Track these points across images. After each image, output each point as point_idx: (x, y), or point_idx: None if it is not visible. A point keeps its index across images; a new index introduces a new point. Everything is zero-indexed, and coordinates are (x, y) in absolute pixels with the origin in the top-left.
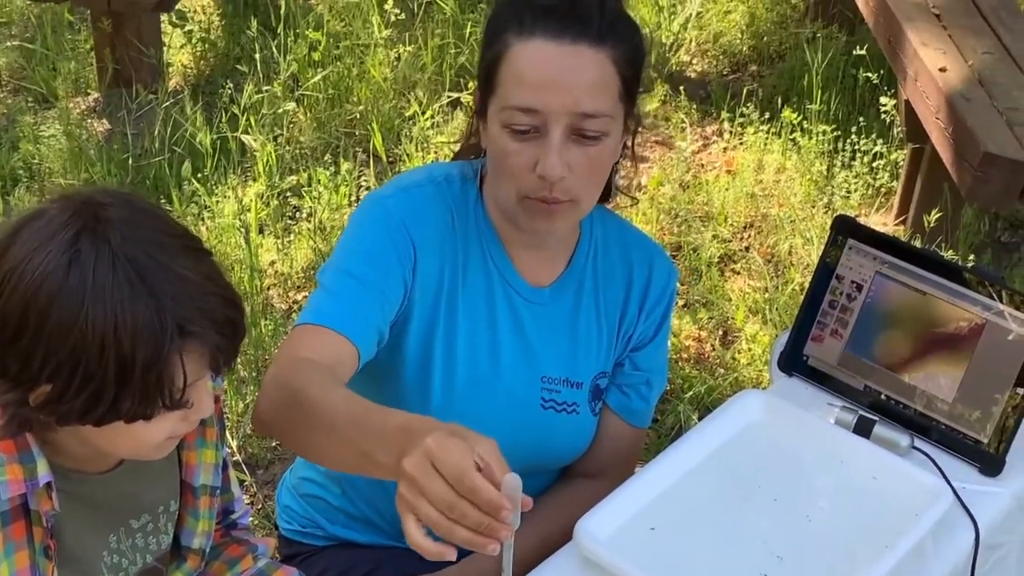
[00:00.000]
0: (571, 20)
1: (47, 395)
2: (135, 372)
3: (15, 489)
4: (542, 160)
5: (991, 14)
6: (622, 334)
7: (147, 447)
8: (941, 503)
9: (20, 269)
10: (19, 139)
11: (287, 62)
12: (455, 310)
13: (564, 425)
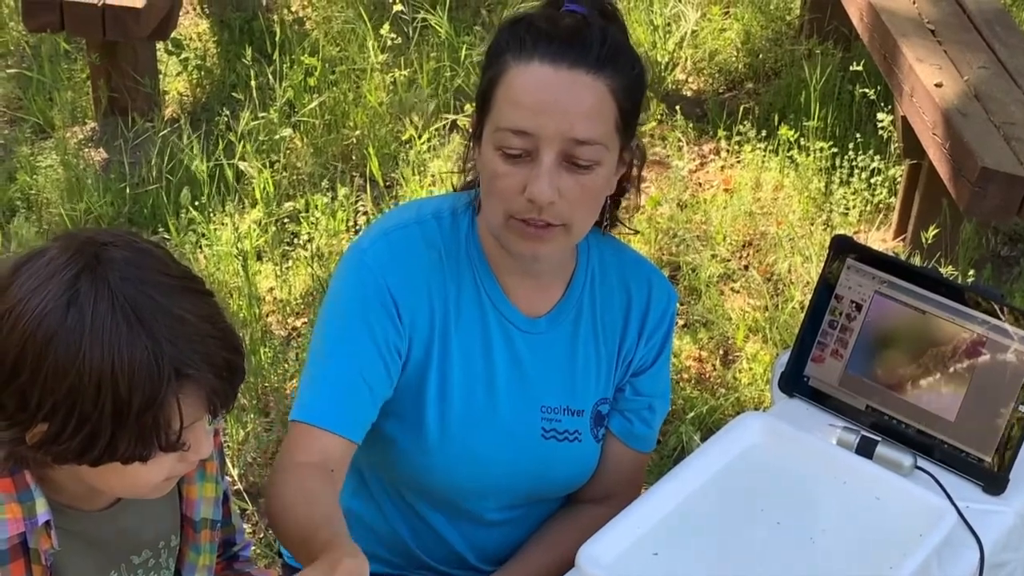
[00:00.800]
0: (571, 45)
1: (43, 434)
2: (131, 414)
3: (14, 528)
4: (532, 183)
5: (986, 28)
6: (622, 359)
7: (144, 488)
8: (945, 523)
9: (19, 308)
10: (16, 169)
11: (283, 88)
12: (448, 345)
13: (566, 454)
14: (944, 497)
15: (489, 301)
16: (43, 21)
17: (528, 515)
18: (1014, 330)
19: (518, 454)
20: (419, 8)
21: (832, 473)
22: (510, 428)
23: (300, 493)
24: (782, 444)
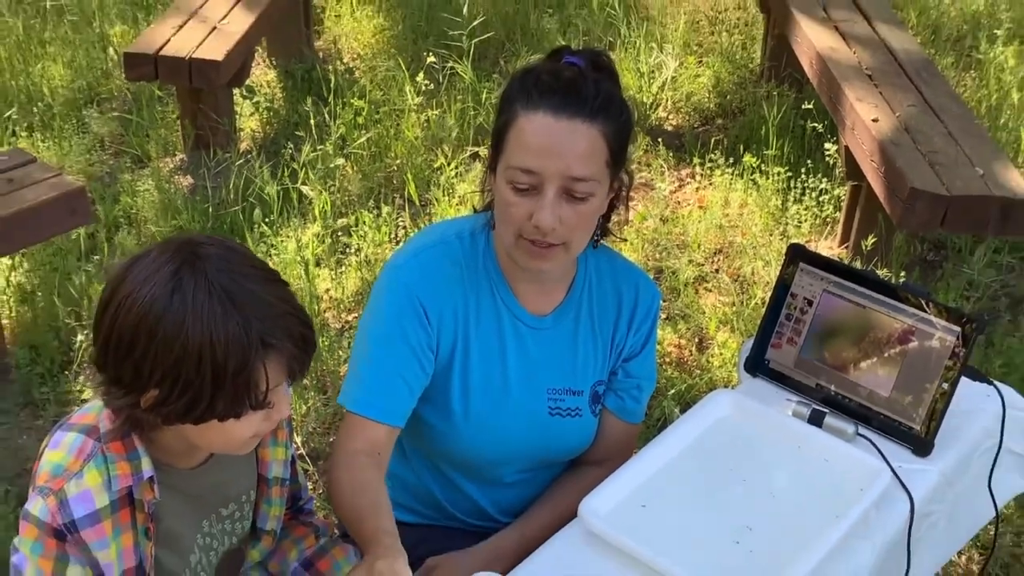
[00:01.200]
0: (570, 99)
1: (155, 399)
2: (227, 378)
3: (123, 482)
4: (537, 213)
5: (914, 74)
6: (615, 348)
7: (236, 443)
8: (882, 480)
9: (132, 296)
10: (119, 193)
11: (336, 126)
12: (469, 343)
13: (569, 427)
14: (881, 459)
15: (503, 304)
16: (141, 72)
17: (538, 476)
18: (938, 321)
19: (529, 429)
20: (448, 59)
21: (788, 440)
22: (522, 408)
23: (352, 483)
24: (747, 416)
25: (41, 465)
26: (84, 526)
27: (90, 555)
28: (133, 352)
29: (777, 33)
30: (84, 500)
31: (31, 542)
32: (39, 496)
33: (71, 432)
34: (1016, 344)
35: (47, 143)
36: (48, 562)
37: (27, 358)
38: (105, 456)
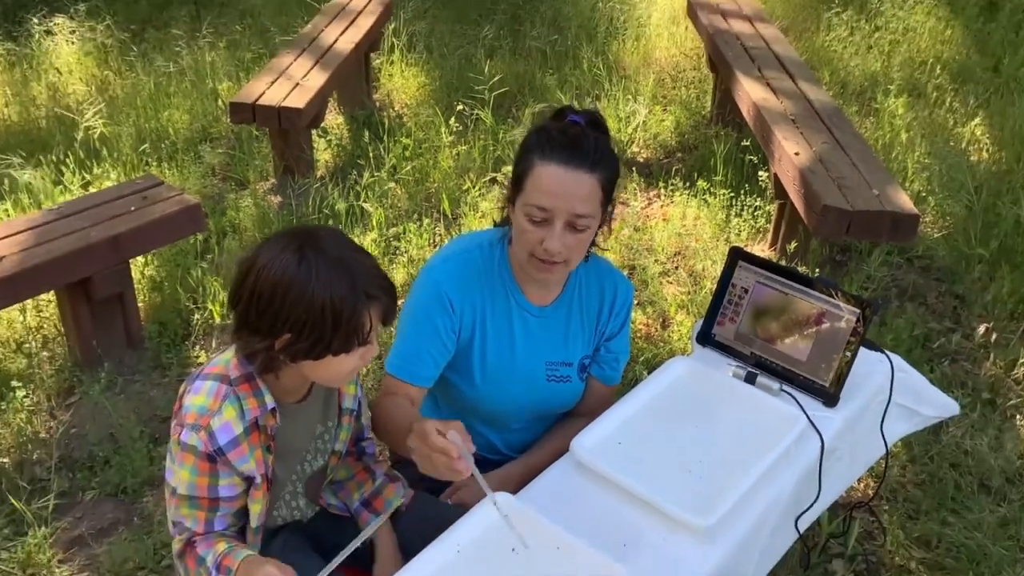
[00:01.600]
0: (576, 154)
1: (287, 341)
2: (342, 321)
3: (253, 413)
4: (547, 240)
5: (827, 119)
6: (598, 330)
7: (340, 375)
8: (799, 424)
9: (267, 267)
10: (226, 208)
11: (389, 158)
12: (486, 327)
13: (562, 390)
14: (799, 409)
15: (512, 299)
16: (242, 117)
17: (538, 424)
18: (843, 305)
19: (531, 391)
20: (473, 108)
21: (729, 395)
22: (526, 375)
23: (392, 407)
24: (698, 377)
25: (186, 407)
26: (228, 450)
27: (236, 469)
28: (271, 306)
29: (723, 87)
30: (226, 431)
31: (190, 466)
32: (192, 431)
33: (207, 381)
34: (902, 323)
35: (172, 170)
36: (204, 479)
37: (156, 332)
38: (237, 395)
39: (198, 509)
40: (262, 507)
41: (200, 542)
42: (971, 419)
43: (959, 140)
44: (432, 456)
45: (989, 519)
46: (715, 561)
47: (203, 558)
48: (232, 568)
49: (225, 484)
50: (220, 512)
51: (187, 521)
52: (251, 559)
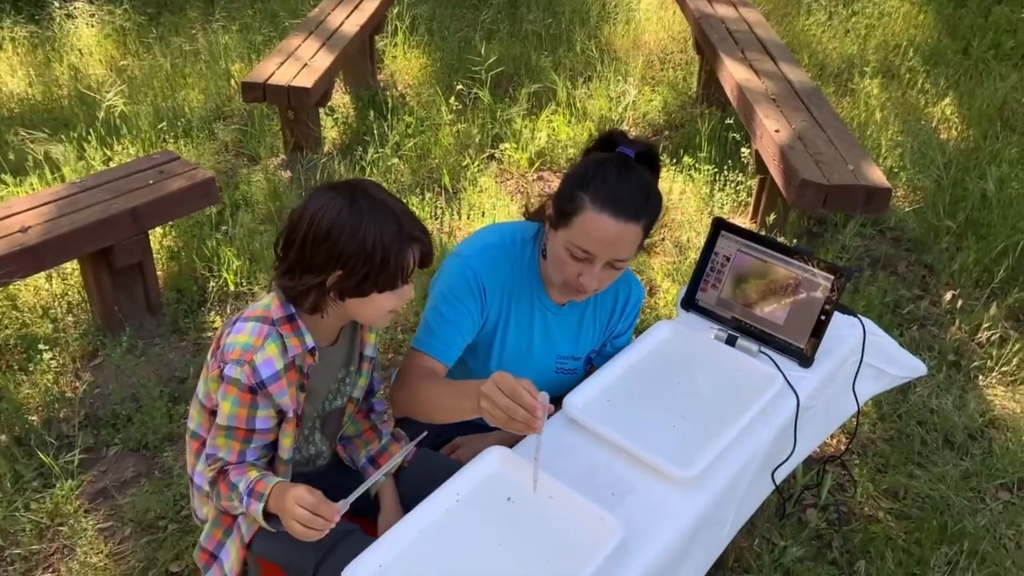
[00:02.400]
0: (628, 207)
1: (339, 277)
2: (390, 259)
3: (295, 351)
4: (585, 278)
5: (806, 98)
6: (608, 329)
7: (382, 314)
8: (776, 383)
9: (320, 212)
10: (239, 183)
11: (392, 134)
12: (509, 319)
13: (567, 380)
14: (776, 369)
15: (535, 296)
16: (253, 96)
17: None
18: (819, 273)
19: (540, 381)
20: (472, 87)
21: (711, 356)
22: (537, 367)
23: (424, 377)
24: (682, 339)
25: (229, 344)
26: (270, 383)
27: (274, 402)
28: (327, 244)
29: (708, 69)
30: (268, 365)
31: (232, 397)
32: (236, 365)
33: (249, 322)
34: (874, 291)
35: (188, 147)
36: (244, 410)
37: (174, 298)
38: (280, 334)
39: (233, 439)
40: (292, 440)
41: (232, 470)
42: (937, 380)
43: (930, 119)
44: (515, 410)
45: (952, 472)
46: (697, 509)
47: (235, 484)
48: (264, 493)
49: (262, 416)
50: (253, 444)
51: (221, 451)
52: (282, 484)
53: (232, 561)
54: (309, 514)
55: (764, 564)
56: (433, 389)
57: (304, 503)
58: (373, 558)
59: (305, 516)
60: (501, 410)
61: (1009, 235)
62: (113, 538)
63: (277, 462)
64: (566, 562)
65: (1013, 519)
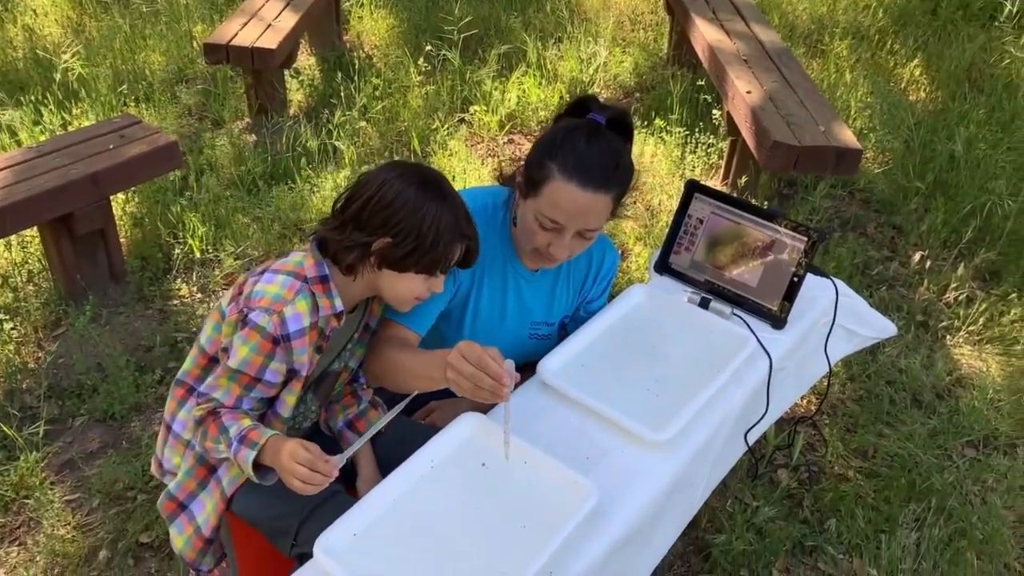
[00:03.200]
0: (596, 176)
1: (385, 244)
2: (438, 244)
3: (325, 311)
4: (554, 248)
5: (777, 59)
6: (582, 294)
7: (406, 297)
8: (749, 345)
9: (393, 180)
10: (203, 147)
11: (360, 97)
12: (481, 287)
13: (540, 346)
14: (749, 331)
15: (508, 263)
16: (216, 58)
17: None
18: (791, 234)
19: (514, 347)
20: (441, 48)
21: (685, 319)
22: (511, 333)
23: (396, 348)
24: (655, 303)
25: (258, 292)
26: (295, 338)
27: (291, 358)
28: (387, 209)
29: (679, 29)
30: (296, 320)
31: (253, 343)
32: (265, 314)
33: (279, 275)
34: (844, 252)
35: (150, 111)
36: (260, 358)
37: (138, 266)
38: (312, 292)
39: (235, 383)
40: (296, 399)
41: (226, 413)
42: (906, 340)
43: (899, 80)
44: (481, 379)
45: (920, 431)
46: (671, 472)
47: (226, 427)
48: (259, 442)
49: (273, 368)
50: (252, 393)
51: (218, 392)
52: (278, 437)
53: (208, 513)
54: (307, 471)
55: (737, 524)
56: (404, 359)
57: (301, 459)
58: (347, 527)
59: (304, 473)
60: (467, 379)
61: (976, 196)
62: (80, 510)
63: (275, 419)
64: (541, 526)
65: (979, 475)
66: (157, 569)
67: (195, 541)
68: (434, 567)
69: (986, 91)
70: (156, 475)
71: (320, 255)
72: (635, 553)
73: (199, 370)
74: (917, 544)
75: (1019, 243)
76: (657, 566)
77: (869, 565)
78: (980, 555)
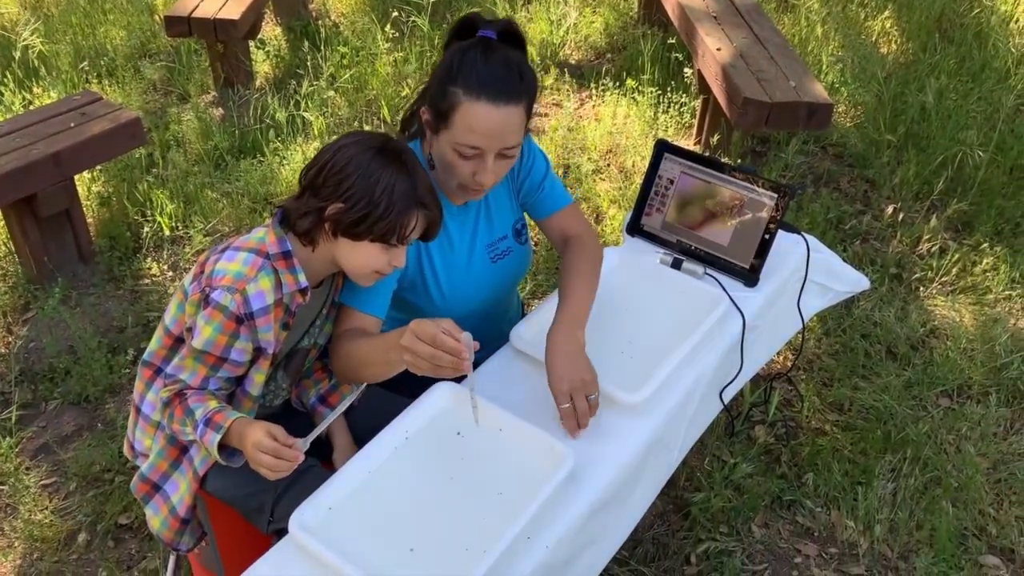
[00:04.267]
0: (503, 88)
1: (338, 210)
2: (391, 211)
3: (289, 288)
4: (480, 174)
5: (747, 15)
6: (520, 189)
7: (365, 269)
8: (723, 304)
9: (350, 146)
10: (169, 122)
11: (327, 66)
12: (428, 246)
13: (508, 264)
14: (722, 290)
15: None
16: (178, 30)
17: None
18: (762, 191)
19: (485, 281)
20: (409, 14)
21: (658, 280)
22: (475, 269)
23: (355, 339)
24: (630, 264)
25: (219, 271)
26: (259, 316)
27: (256, 336)
28: (340, 174)
29: None
30: (259, 298)
31: (216, 323)
32: (227, 292)
33: (241, 252)
34: (817, 207)
35: (113, 87)
36: (224, 338)
37: (107, 246)
38: (275, 269)
39: (200, 364)
40: (264, 377)
41: (192, 395)
42: (880, 293)
43: (870, 33)
44: (439, 356)
45: (895, 383)
46: (647, 432)
47: (192, 410)
48: (223, 425)
49: (239, 348)
50: (219, 373)
51: (183, 373)
52: (242, 420)
53: (182, 494)
54: (272, 459)
55: (715, 482)
56: (359, 348)
57: (265, 448)
58: (322, 500)
59: (269, 461)
60: (425, 359)
61: (948, 147)
62: (58, 494)
63: (244, 398)
64: (518, 492)
65: (953, 424)
66: (137, 550)
67: (171, 522)
68: (411, 538)
69: (956, 41)
70: (129, 457)
71: (282, 231)
72: (613, 515)
73: (165, 350)
74: (893, 494)
75: (990, 193)
76: (636, 526)
77: (846, 517)
78: (955, 502)
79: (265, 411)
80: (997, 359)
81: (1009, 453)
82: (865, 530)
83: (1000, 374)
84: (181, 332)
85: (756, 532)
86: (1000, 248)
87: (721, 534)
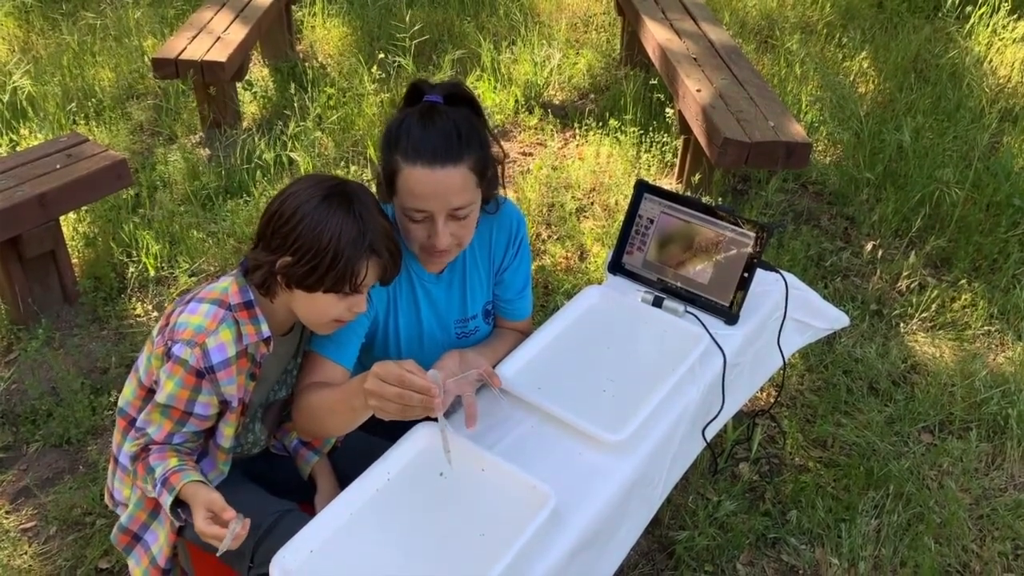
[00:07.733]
0: (439, 152)
1: (287, 264)
2: (341, 260)
3: (251, 339)
4: (433, 236)
5: (726, 57)
6: (496, 270)
7: (322, 320)
8: (703, 342)
9: (297, 194)
10: (156, 163)
11: (314, 107)
12: (397, 307)
13: (471, 342)
14: (703, 328)
15: (413, 273)
16: (166, 72)
17: None
18: (742, 230)
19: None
20: (395, 55)
21: (639, 319)
22: (437, 341)
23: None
24: (610, 303)
25: (181, 324)
26: (219, 369)
27: (219, 389)
28: (286, 226)
29: (630, 30)
30: (220, 351)
31: (177, 378)
32: (187, 346)
33: (204, 303)
34: (798, 244)
35: (100, 128)
36: (186, 392)
37: (92, 286)
38: (236, 320)
39: (166, 419)
40: (234, 430)
41: (154, 452)
42: (861, 329)
43: (848, 73)
44: (408, 396)
45: (877, 418)
46: (629, 471)
47: (152, 468)
48: (176, 487)
49: (203, 402)
50: (185, 427)
51: (151, 427)
52: (193, 483)
53: (161, 544)
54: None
55: (699, 520)
56: (325, 399)
57: (204, 529)
58: (304, 543)
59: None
60: (393, 401)
61: (925, 184)
62: (38, 538)
63: (217, 450)
64: (501, 533)
65: (935, 460)
66: None
67: (152, 572)
68: None
69: (931, 81)
70: (109, 506)
71: (244, 280)
72: (597, 554)
73: (139, 401)
74: (877, 531)
75: (967, 229)
76: (621, 565)
77: (831, 554)
78: (938, 539)
79: (243, 456)
80: (977, 394)
81: (991, 488)
82: (850, 567)
83: (980, 409)
84: (152, 383)
85: (741, 571)
86: (978, 284)
87: (707, 573)
